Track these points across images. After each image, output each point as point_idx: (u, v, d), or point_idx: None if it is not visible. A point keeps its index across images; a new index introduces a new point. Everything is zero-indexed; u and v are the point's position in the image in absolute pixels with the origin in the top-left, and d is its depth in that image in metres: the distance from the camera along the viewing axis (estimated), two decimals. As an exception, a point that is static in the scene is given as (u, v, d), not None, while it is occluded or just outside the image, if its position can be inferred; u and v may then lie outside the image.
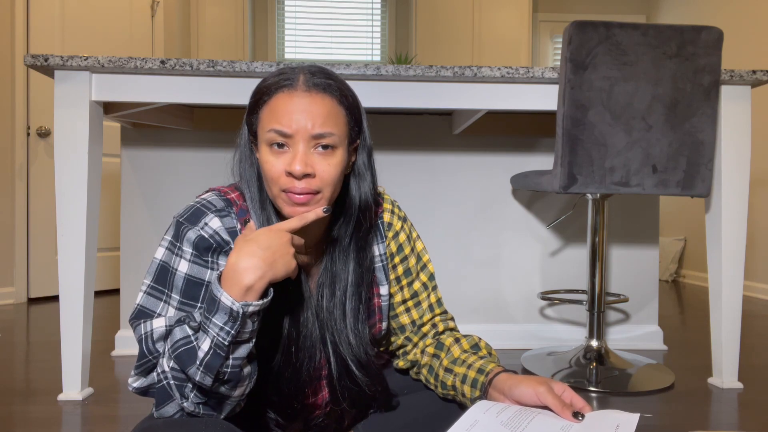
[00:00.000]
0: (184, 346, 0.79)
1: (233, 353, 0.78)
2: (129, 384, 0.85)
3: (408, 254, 1.03)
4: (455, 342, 1.01)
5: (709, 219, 1.90)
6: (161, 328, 0.83)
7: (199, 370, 0.77)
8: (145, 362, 0.83)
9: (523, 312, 2.40)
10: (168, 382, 0.81)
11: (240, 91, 1.75)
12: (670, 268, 4.68)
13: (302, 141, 0.83)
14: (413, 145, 2.37)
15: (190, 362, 0.78)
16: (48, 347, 2.32)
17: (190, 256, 0.86)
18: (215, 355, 0.76)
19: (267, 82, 0.87)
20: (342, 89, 0.87)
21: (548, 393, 0.83)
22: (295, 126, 0.82)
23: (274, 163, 0.83)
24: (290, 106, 0.83)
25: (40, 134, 3.40)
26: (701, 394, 1.82)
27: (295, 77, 0.85)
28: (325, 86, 0.85)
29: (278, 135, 0.83)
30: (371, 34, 5.33)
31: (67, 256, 1.69)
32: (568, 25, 1.74)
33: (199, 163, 2.29)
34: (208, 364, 0.77)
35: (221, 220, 0.88)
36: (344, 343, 0.92)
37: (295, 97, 0.83)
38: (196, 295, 0.86)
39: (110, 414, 1.61)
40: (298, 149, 0.83)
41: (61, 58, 1.65)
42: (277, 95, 0.84)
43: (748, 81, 1.82)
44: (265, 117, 0.85)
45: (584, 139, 1.73)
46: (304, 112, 0.83)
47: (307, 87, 0.84)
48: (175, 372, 0.80)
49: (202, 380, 0.77)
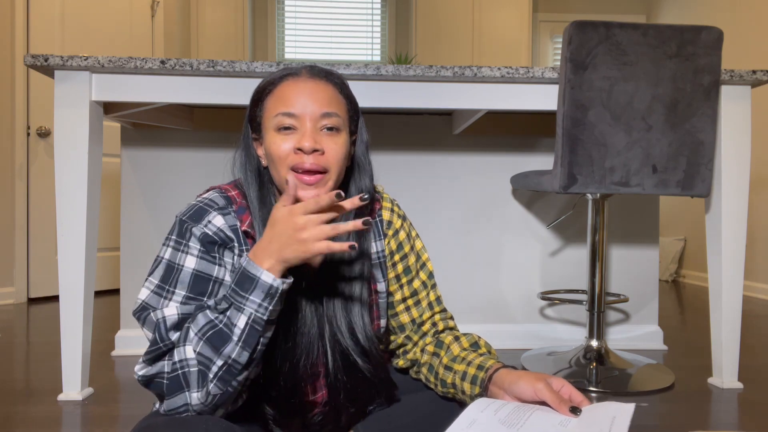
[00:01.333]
0: (211, 329, 0.81)
1: (265, 333, 0.81)
2: (135, 371, 0.85)
3: (407, 252, 1.03)
4: (455, 340, 1.01)
5: (709, 219, 1.90)
6: (174, 316, 0.84)
7: (237, 346, 0.79)
8: (155, 350, 0.84)
9: (523, 312, 2.40)
10: (188, 370, 0.81)
11: (240, 91, 1.75)
12: (670, 268, 4.68)
13: (310, 121, 0.87)
14: (413, 145, 2.37)
15: (222, 342, 0.80)
16: (48, 347, 2.32)
17: (197, 252, 0.87)
18: (253, 331, 0.79)
19: (270, 77, 0.93)
20: (342, 81, 0.95)
21: (546, 389, 0.83)
22: (302, 107, 0.87)
23: (281, 144, 0.87)
24: (296, 90, 0.88)
25: (40, 134, 3.40)
26: (701, 394, 1.82)
27: (298, 69, 0.92)
28: (326, 74, 0.92)
29: (286, 117, 0.87)
30: (371, 34, 5.33)
31: (67, 256, 1.69)
32: (568, 25, 1.74)
33: (199, 163, 2.29)
34: (246, 339, 0.79)
35: (224, 218, 0.90)
36: (345, 331, 0.93)
37: (300, 82, 0.89)
38: (204, 290, 0.87)
39: (110, 414, 1.61)
40: (306, 128, 0.87)
41: (61, 58, 1.65)
42: (282, 83, 0.90)
43: (748, 81, 1.82)
44: (271, 104, 0.89)
45: (584, 139, 1.73)
46: (310, 95, 0.88)
47: (311, 74, 0.91)
48: (201, 357, 0.81)
49: (238, 357, 0.80)
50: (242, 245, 0.90)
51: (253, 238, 0.91)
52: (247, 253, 0.82)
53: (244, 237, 0.90)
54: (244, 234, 0.91)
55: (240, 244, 0.90)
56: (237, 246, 0.90)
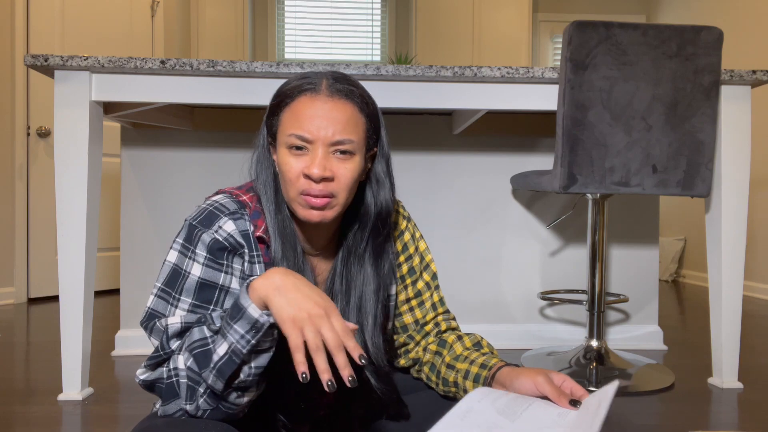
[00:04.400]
0: (200, 347, 0.79)
1: (254, 361, 0.78)
2: (136, 375, 0.85)
3: (412, 253, 1.03)
4: (458, 339, 1.01)
5: (709, 219, 1.90)
6: (176, 324, 0.84)
7: (211, 374, 0.77)
8: (156, 356, 0.84)
9: (523, 312, 2.40)
10: (178, 380, 0.81)
11: (240, 91, 1.75)
12: (670, 268, 4.68)
13: (322, 146, 0.84)
14: (413, 145, 2.37)
15: (204, 364, 0.78)
16: (48, 347, 2.32)
17: (203, 259, 0.86)
18: (230, 361, 0.76)
19: (290, 85, 0.87)
20: (364, 96, 0.88)
21: (546, 383, 0.83)
22: (316, 132, 0.84)
23: (293, 165, 0.84)
24: (312, 110, 0.84)
25: (40, 134, 3.40)
26: (701, 394, 1.82)
27: (318, 81, 0.86)
28: (347, 92, 0.86)
29: (298, 139, 0.84)
30: (371, 34, 5.33)
31: (67, 256, 1.69)
32: (568, 25, 1.74)
33: (199, 163, 2.29)
34: (221, 368, 0.76)
35: (235, 223, 0.88)
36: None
37: (318, 101, 0.85)
38: (210, 298, 0.87)
39: (110, 414, 1.61)
40: (318, 153, 0.84)
41: (61, 58, 1.65)
42: (300, 98, 0.85)
43: (748, 81, 1.82)
44: (286, 120, 0.86)
45: (584, 139, 1.73)
46: (326, 117, 0.84)
47: (330, 92, 0.85)
48: (191, 372, 0.80)
49: (214, 384, 0.78)
50: (253, 250, 0.89)
51: (266, 243, 0.90)
52: (249, 280, 0.79)
53: (255, 242, 0.89)
54: (257, 239, 0.89)
55: (251, 250, 0.89)
56: (247, 252, 0.88)
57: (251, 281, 0.78)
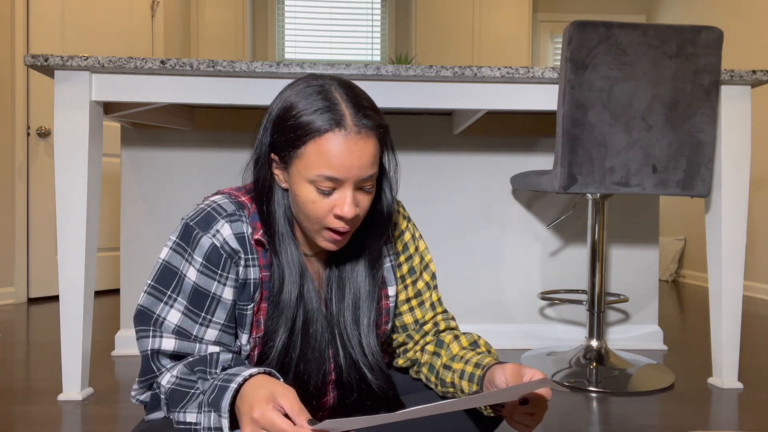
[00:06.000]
0: (179, 386, 0.82)
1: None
2: (133, 396, 0.87)
3: (412, 253, 1.04)
4: (454, 339, 1.01)
5: (709, 219, 1.90)
6: (169, 350, 0.85)
7: (175, 414, 0.81)
8: (149, 378, 0.85)
9: (523, 312, 2.40)
10: (161, 396, 0.84)
11: (240, 91, 1.75)
12: (670, 268, 4.68)
13: (350, 185, 0.83)
14: (413, 145, 2.37)
15: (174, 405, 0.81)
16: (48, 347, 2.32)
17: (199, 265, 0.86)
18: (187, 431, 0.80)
19: (310, 114, 0.82)
20: (382, 124, 0.86)
21: (511, 373, 0.84)
22: (347, 173, 0.82)
23: (321, 205, 0.84)
24: (343, 151, 0.81)
25: (40, 134, 3.40)
26: (701, 394, 1.82)
27: (341, 113, 0.82)
28: (372, 127, 0.84)
29: (328, 180, 0.82)
30: (371, 34, 5.33)
31: (67, 256, 1.69)
32: (568, 25, 1.74)
33: (199, 164, 2.29)
34: (180, 422, 0.80)
35: (231, 226, 0.88)
36: (356, 348, 0.93)
37: (349, 142, 0.81)
38: (201, 305, 0.87)
39: (110, 414, 1.61)
40: (347, 193, 0.83)
41: (61, 58, 1.65)
42: (327, 136, 0.81)
43: (748, 81, 1.82)
44: (313, 157, 0.82)
45: (584, 139, 1.73)
46: (356, 159, 0.82)
47: (358, 129, 0.82)
48: (169, 400, 0.83)
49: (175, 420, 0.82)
50: (248, 254, 0.89)
51: (263, 246, 0.90)
52: (242, 383, 0.77)
53: (251, 246, 0.89)
54: (254, 242, 0.89)
55: (246, 253, 0.88)
56: (243, 257, 0.88)
57: (237, 390, 0.76)
